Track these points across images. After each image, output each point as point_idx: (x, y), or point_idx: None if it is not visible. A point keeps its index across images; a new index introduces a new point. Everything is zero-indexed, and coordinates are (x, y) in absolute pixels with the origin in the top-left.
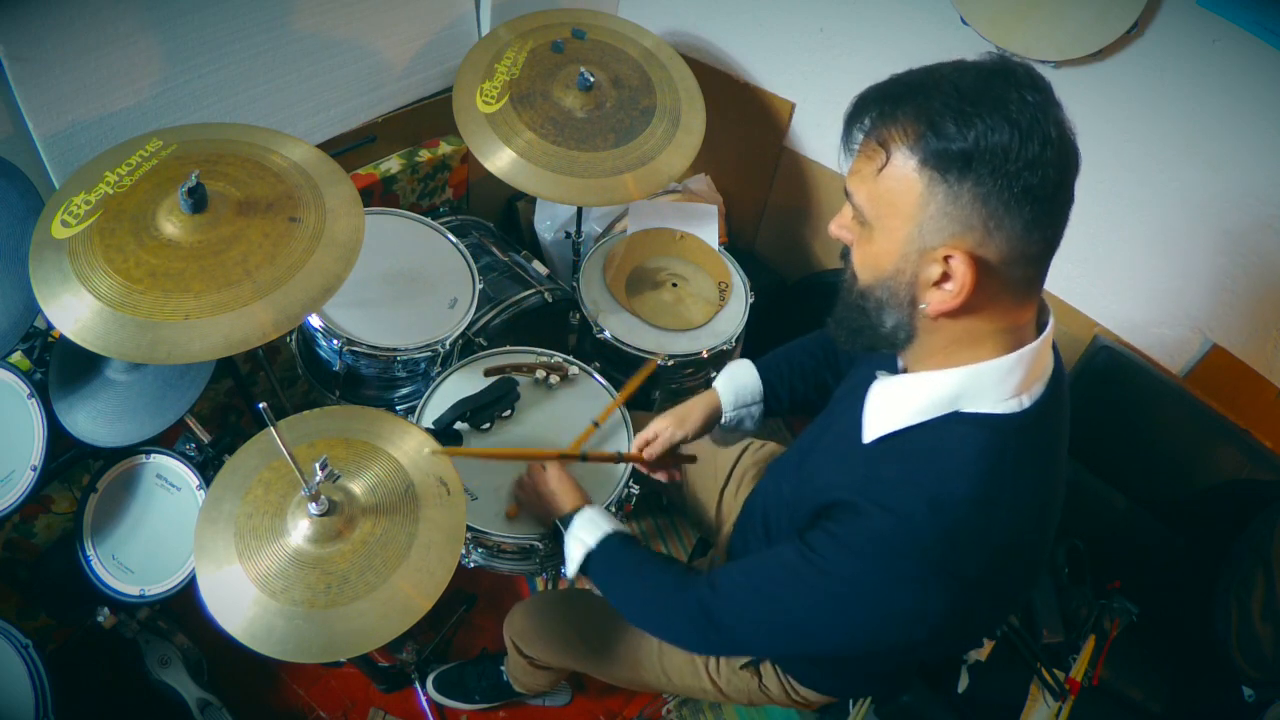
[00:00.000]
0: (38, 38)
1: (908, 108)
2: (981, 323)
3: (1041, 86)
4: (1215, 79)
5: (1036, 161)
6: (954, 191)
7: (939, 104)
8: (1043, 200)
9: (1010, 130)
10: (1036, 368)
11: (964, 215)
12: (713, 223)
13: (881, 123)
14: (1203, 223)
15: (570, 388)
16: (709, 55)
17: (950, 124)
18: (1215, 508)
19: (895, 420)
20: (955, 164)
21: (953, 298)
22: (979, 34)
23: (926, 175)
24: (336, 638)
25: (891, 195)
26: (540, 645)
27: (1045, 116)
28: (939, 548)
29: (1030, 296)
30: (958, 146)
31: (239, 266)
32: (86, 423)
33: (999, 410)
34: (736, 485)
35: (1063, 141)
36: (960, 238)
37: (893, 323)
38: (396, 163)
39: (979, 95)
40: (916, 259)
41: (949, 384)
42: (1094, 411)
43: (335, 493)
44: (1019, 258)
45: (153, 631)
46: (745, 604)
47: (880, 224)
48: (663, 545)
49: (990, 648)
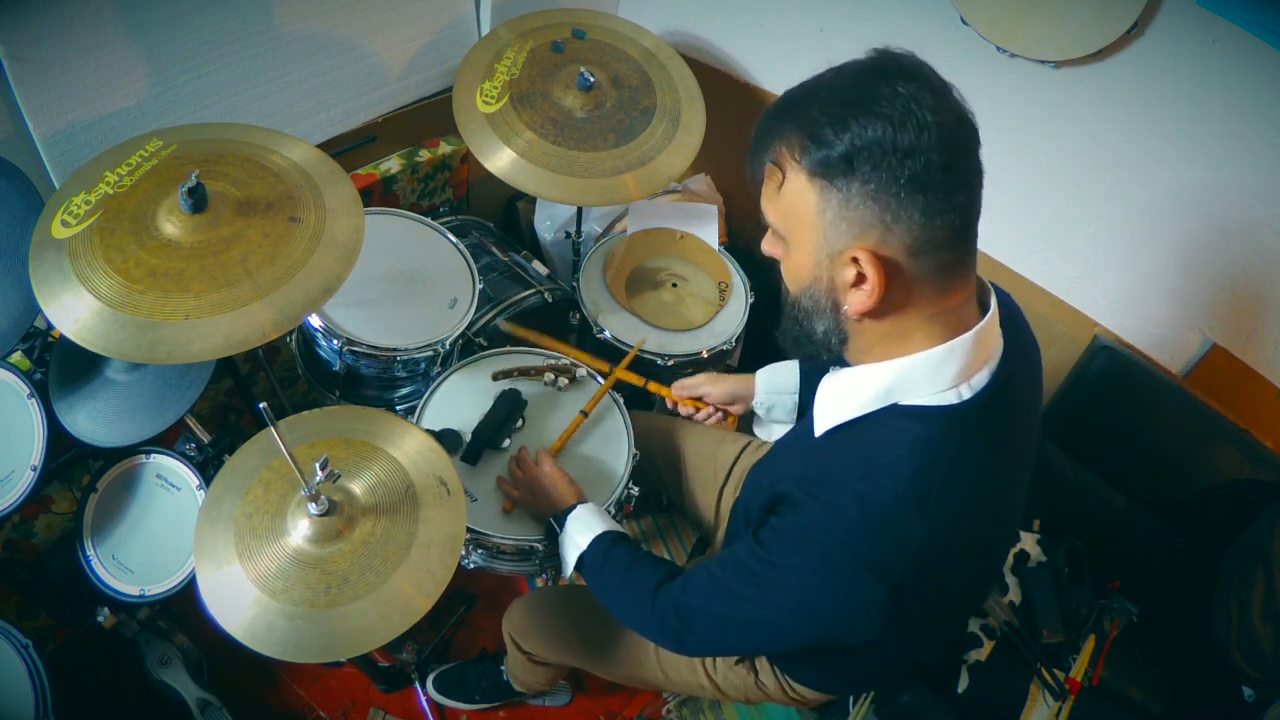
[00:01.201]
0: (38, 38)
1: (790, 123)
2: (908, 315)
3: (916, 75)
4: (1215, 79)
5: (914, 149)
6: (844, 195)
7: (816, 113)
8: (932, 186)
9: (882, 124)
10: (978, 355)
11: (859, 215)
12: (713, 223)
13: (772, 142)
14: (1203, 223)
15: (579, 389)
16: (709, 55)
17: (828, 130)
18: (1215, 508)
19: (839, 413)
20: (838, 168)
21: (868, 297)
22: (979, 34)
23: (817, 184)
24: (336, 638)
25: (793, 209)
26: (539, 641)
27: (918, 104)
28: (865, 544)
29: (955, 281)
30: (837, 151)
31: (239, 266)
32: (86, 423)
33: (936, 402)
34: (736, 484)
35: (942, 125)
36: (861, 238)
37: (823, 328)
38: (396, 163)
39: (851, 97)
40: (829, 264)
41: (884, 376)
42: (1094, 411)
43: (335, 493)
44: (926, 245)
45: (153, 631)
46: (710, 603)
47: (792, 237)
48: (662, 545)
49: (990, 648)
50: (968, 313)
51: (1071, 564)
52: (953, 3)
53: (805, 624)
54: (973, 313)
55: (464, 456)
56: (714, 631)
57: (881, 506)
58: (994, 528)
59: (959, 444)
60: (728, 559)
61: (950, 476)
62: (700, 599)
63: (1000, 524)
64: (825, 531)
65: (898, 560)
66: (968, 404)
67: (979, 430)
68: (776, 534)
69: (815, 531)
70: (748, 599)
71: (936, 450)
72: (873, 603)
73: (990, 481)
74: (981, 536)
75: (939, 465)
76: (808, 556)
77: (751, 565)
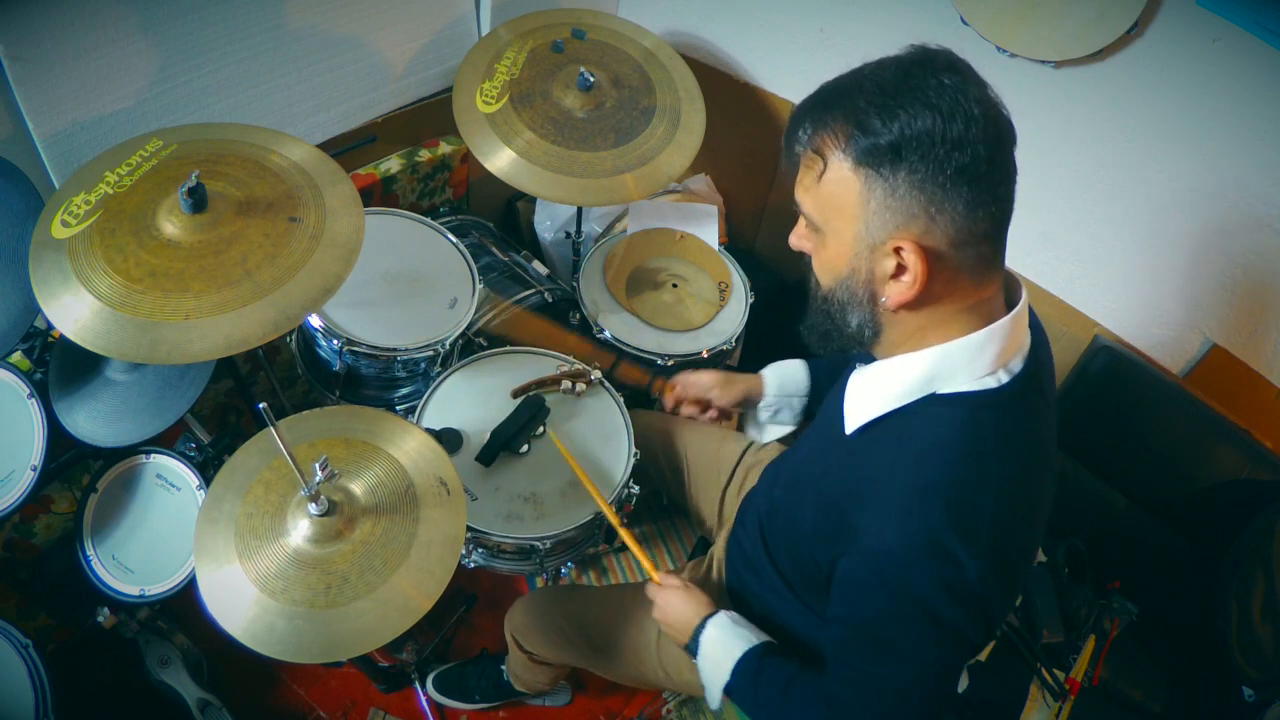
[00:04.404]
0: (38, 38)
1: (836, 112)
2: (944, 307)
3: (959, 68)
4: (1215, 79)
5: (963, 141)
6: (890, 184)
7: (863, 102)
8: (978, 178)
9: (932, 115)
10: (1012, 342)
11: (904, 205)
12: (713, 223)
13: (815, 131)
14: (1203, 222)
15: (597, 394)
16: (709, 55)
17: (875, 119)
18: (1215, 508)
19: (874, 408)
20: (886, 157)
21: (909, 288)
22: (979, 34)
23: (862, 173)
24: (336, 638)
25: (834, 199)
26: (540, 640)
27: (965, 96)
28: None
29: (990, 274)
30: (885, 140)
31: (239, 266)
32: (86, 423)
33: (976, 388)
34: (739, 484)
35: (987, 118)
36: (905, 228)
37: (857, 321)
38: (396, 163)
39: (899, 87)
40: (869, 256)
41: (922, 365)
42: (1094, 411)
43: (335, 493)
44: (968, 238)
45: (153, 631)
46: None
47: (830, 228)
48: (663, 545)
49: (990, 648)
50: (996, 305)
51: (1071, 564)
52: (953, 3)
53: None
54: (1000, 305)
55: (479, 456)
56: None
57: (945, 493)
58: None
59: (1005, 425)
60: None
61: (1004, 456)
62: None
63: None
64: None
65: (977, 542)
66: (1006, 387)
67: (1019, 413)
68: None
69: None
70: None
71: (987, 430)
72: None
73: (1031, 464)
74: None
75: (991, 444)
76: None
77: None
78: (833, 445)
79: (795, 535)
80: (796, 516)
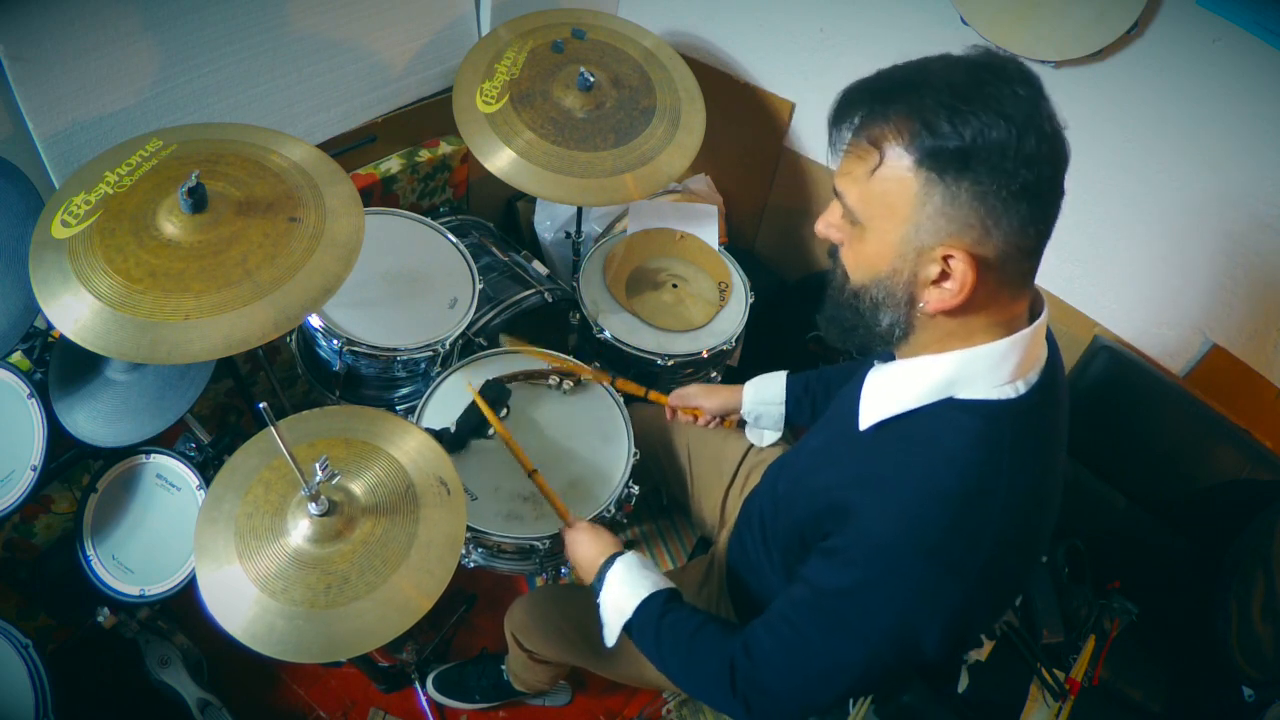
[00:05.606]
0: (38, 38)
1: (899, 105)
2: (979, 317)
3: (1032, 81)
4: (1215, 79)
5: (1034, 158)
6: (951, 191)
7: (932, 101)
8: (1038, 196)
9: (1006, 127)
10: (1031, 353)
11: (962, 214)
12: (713, 223)
13: (872, 121)
14: (1203, 223)
15: (586, 392)
16: (709, 55)
17: (945, 122)
18: (1215, 508)
19: (890, 406)
20: (952, 163)
21: (953, 296)
22: (979, 34)
23: (923, 175)
24: (336, 638)
25: (886, 196)
26: (540, 639)
27: (1038, 112)
28: (940, 544)
29: (1025, 289)
30: (954, 145)
31: (239, 266)
32: (86, 423)
33: (995, 396)
34: (742, 484)
35: (1055, 136)
36: (958, 237)
37: (889, 321)
38: (396, 163)
39: (972, 91)
40: (914, 259)
41: (943, 368)
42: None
43: (335, 493)
44: (1015, 253)
45: (153, 631)
46: (782, 660)
47: (873, 224)
48: (662, 546)
49: (990, 648)
50: (1022, 318)
51: (1071, 564)
52: (953, 3)
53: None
54: (1024, 319)
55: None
56: (793, 688)
57: (949, 505)
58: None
59: (1020, 438)
60: (786, 610)
61: (1016, 469)
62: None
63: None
64: (894, 539)
65: (972, 557)
66: (1023, 398)
67: (1034, 425)
68: (834, 559)
69: (883, 543)
70: (817, 640)
71: (1003, 442)
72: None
73: (1042, 477)
74: (1035, 528)
75: (1003, 460)
76: (879, 570)
77: (814, 602)
78: (843, 441)
79: (796, 529)
80: (799, 510)
